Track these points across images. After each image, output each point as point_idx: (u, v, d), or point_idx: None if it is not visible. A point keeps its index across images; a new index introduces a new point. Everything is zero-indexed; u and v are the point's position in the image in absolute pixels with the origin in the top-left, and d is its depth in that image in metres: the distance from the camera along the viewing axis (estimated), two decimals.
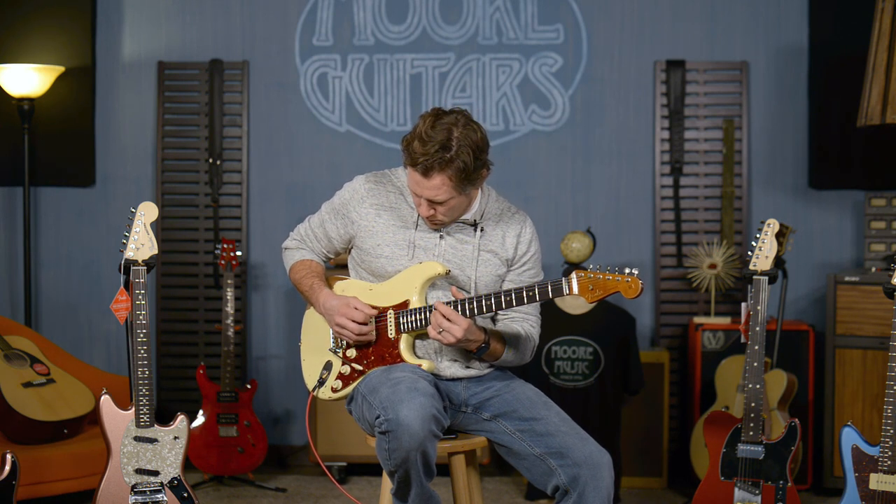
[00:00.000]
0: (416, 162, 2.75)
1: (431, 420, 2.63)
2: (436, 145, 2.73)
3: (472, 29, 4.96)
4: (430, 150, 2.73)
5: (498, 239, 2.97)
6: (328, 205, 3.05)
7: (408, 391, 2.66)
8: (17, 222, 5.03)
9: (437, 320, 2.78)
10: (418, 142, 2.75)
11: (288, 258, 3.13)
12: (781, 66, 4.86)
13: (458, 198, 2.82)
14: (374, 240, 2.94)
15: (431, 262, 2.89)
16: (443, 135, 2.73)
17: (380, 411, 2.67)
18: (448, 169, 2.74)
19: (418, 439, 2.61)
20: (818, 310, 4.79)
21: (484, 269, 2.94)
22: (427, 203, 2.82)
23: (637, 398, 4.47)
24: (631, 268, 2.69)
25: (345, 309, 2.89)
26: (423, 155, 2.73)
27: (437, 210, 2.83)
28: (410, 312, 2.87)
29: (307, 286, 3.02)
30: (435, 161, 2.73)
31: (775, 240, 3.47)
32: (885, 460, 3.22)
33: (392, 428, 2.61)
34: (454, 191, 2.79)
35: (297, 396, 5.03)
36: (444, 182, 2.76)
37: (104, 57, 5.04)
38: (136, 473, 3.23)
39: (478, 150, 2.78)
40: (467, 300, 2.82)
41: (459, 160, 2.74)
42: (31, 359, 4.20)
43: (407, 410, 2.61)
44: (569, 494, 2.74)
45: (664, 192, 4.89)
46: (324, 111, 5.01)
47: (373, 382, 2.82)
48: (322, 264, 3.10)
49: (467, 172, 2.76)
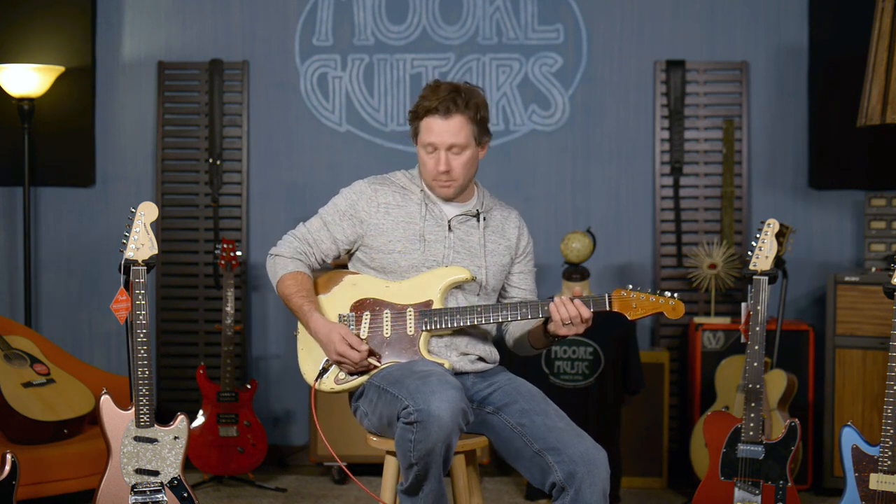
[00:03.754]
0: (434, 107, 2.91)
1: (461, 413, 2.67)
2: (448, 91, 2.92)
3: (472, 29, 4.96)
4: (443, 95, 2.91)
5: (499, 229, 3.08)
6: (329, 208, 3.05)
7: (439, 383, 2.69)
8: (17, 222, 5.03)
9: (567, 313, 2.84)
10: (430, 93, 2.93)
11: (278, 267, 3.05)
12: (781, 66, 4.86)
13: (473, 149, 2.96)
14: (386, 236, 2.98)
15: (458, 267, 2.97)
16: (450, 87, 2.93)
17: (409, 402, 2.67)
18: (467, 110, 2.91)
19: (447, 431, 2.63)
20: (818, 310, 4.79)
21: (492, 258, 3.03)
22: (444, 156, 2.93)
23: (637, 398, 4.47)
24: (672, 292, 2.95)
25: (342, 346, 2.89)
26: (440, 99, 2.90)
27: (453, 165, 2.93)
28: (434, 312, 2.92)
29: (296, 306, 2.99)
30: (451, 102, 2.90)
31: (775, 240, 3.47)
32: (885, 460, 3.22)
33: (422, 418, 2.63)
34: (472, 136, 2.93)
35: (297, 396, 5.02)
36: (465, 123, 2.91)
37: (104, 57, 5.04)
38: (136, 473, 3.23)
39: (484, 104, 2.97)
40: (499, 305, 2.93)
41: (473, 103, 2.93)
42: (31, 359, 4.19)
43: (439, 402, 2.63)
44: (565, 491, 2.75)
45: (664, 192, 4.89)
46: (324, 111, 5.01)
47: (394, 375, 2.83)
48: (311, 278, 3.06)
49: (482, 119, 2.95)
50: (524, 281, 3.12)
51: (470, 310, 2.91)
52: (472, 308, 2.91)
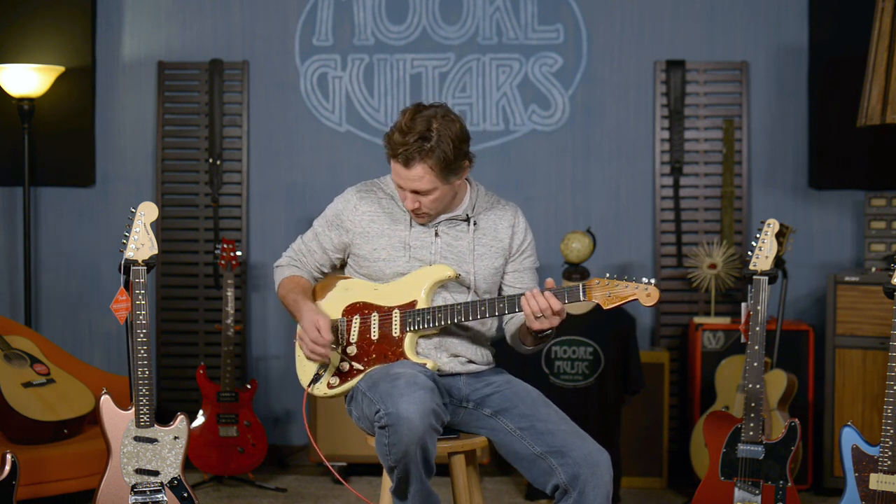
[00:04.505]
0: (396, 153, 2.82)
1: (431, 414, 2.64)
2: (415, 135, 2.79)
3: (472, 29, 4.96)
4: (409, 140, 2.79)
5: (491, 231, 3.02)
6: (320, 219, 3.09)
7: (407, 385, 2.68)
8: (17, 222, 5.03)
9: (538, 305, 2.77)
10: (398, 133, 2.82)
11: (278, 275, 3.15)
12: (781, 66, 4.86)
13: (442, 188, 2.87)
14: (371, 244, 2.98)
15: (442, 265, 2.94)
16: (422, 125, 2.80)
17: (379, 405, 2.68)
18: (429, 158, 2.80)
19: (418, 433, 2.62)
20: (818, 310, 4.79)
21: (481, 262, 2.99)
22: (411, 195, 2.87)
23: (637, 398, 4.47)
24: (648, 278, 2.79)
25: (308, 325, 2.91)
26: (403, 145, 2.80)
27: (422, 202, 2.88)
28: (417, 313, 2.91)
29: (291, 300, 3.02)
30: (415, 150, 2.79)
31: (775, 240, 3.47)
32: (885, 460, 3.22)
33: (392, 422, 2.62)
34: (437, 180, 2.84)
35: (297, 396, 5.02)
36: (426, 172, 2.82)
37: (104, 57, 5.04)
38: (136, 473, 3.23)
39: (457, 141, 2.83)
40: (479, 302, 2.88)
41: (440, 150, 2.80)
42: (31, 359, 4.19)
43: (407, 404, 2.62)
44: (569, 493, 2.74)
45: (664, 192, 4.89)
46: (324, 111, 5.01)
47: (374, 378, 2.84)
48: (311, 282, 3.10)
49: (448, 162, 2.82)
50: (519, 279, 3.06)
51: (451, 308, 2.89)
52: (454, 306, 2.89)
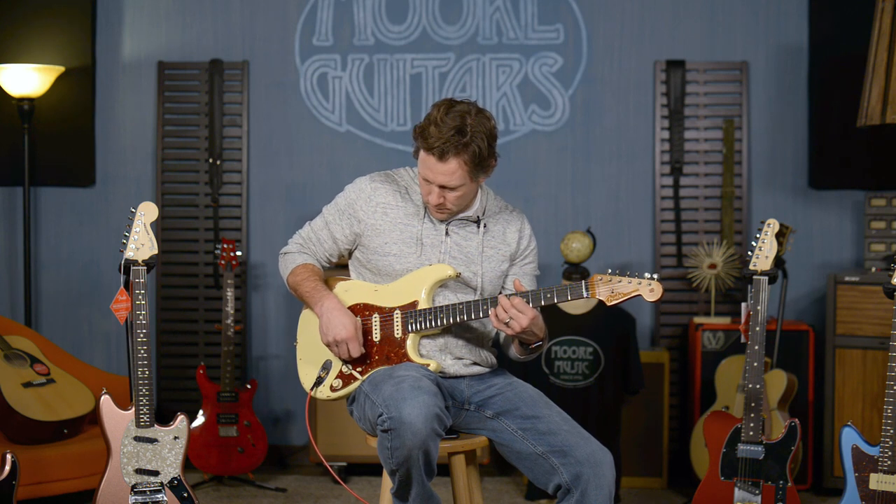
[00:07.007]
0: (432, 146, 2.79)
1: (434, 419, 2.63)
2: (451, 130, 2.77)
3: (472, 29, 4.96)
4: (446, 135, 2.77)
5: (499, 235, 3.01)
6: (331, 207, 3.04)
7: (411, 389, 2.66)
8: (17, 222, 5.03)
9: (504, 311, 2.77)
10: (434, 126, 2.79)
11: (288, 262, 3.09)
12: (781, 66, 4.87)
13: (469, 185, 2.86)
14: (382, 238, 2.95)
15: (442, 264, 2.92)
16: (457, 121, 2.78)
17: (382, 409, 2.67)
18: (464, 153, 2.79)
19: (421, 438, 2.61)
20: (818, 310, 4.79)
21: (489, 264, 2.98)
22: (438, 190, 2.85)
23: (637, 398, 4.47)
24: (651, 273, 2.77)
25: (349, 337, 2.89)
26: (440, 139, 2.78)
27: (447, 197, 2.86)
28: (419, 313, 2.89)
29: (310, 287, 2.99)
30: (451, 145, 2.77)
31: (775, 240, 3.47)
32: (885, 460, 3.22)
33: (395, 426, 2.62)
34: (467, 176, 2.83)
35: (297, 396, 5.03)
36: (460, 166, 2.80)
37: (104, 57, 5.04)
38: (136, 473, 3.23)
39: (491, 138, 2.83)
40: (481, 300, 2.86)
41: (475, 144, 2.79)
42: (31, 359, 4.19)
43: (410, 408, 2.61)
44: (571, 493, 2.74)
45: (664, 192, 4.89)
46: (324, 111, 5.01)
47: (376, 380, 2.83)
48: (321, 270, 3.09)
49: (481, 158, 2.82)
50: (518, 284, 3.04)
51: (453, 307, 2.88)
52: (455, 305, 2.88)
